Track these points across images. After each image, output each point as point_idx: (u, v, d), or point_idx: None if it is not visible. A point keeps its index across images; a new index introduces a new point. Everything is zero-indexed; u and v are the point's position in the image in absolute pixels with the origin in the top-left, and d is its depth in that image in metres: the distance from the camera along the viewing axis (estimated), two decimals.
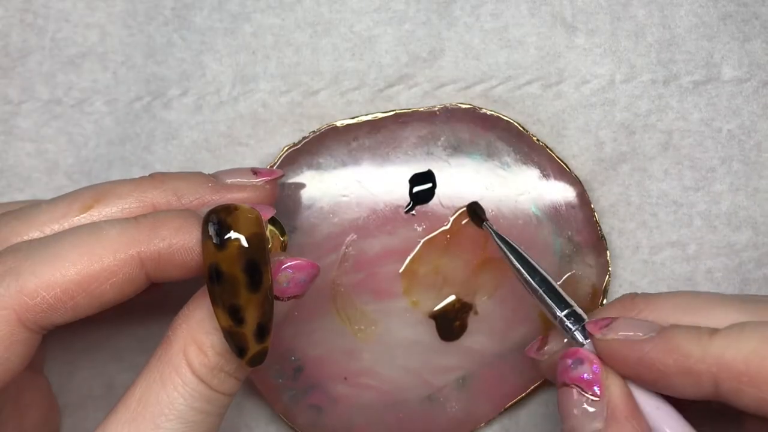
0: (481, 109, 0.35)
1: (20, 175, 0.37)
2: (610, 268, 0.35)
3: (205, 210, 0.27)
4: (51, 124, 0.37)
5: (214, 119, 0.37)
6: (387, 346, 0.35)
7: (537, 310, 0.35)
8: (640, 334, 0.28)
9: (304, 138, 0.35)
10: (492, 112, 0.35)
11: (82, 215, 0.28)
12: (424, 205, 0.35)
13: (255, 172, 0.31)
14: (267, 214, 0.29)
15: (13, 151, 0.37)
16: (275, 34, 0.37)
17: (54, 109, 0.37)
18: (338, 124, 0.35)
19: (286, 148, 0.35)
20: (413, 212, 0.35)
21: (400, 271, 0.35)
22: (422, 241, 0.35)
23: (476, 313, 0.35)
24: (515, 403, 0.35)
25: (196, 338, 0.27)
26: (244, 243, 0.25)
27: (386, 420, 0.35)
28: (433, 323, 0.35)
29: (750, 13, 0.36)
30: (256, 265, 0.26)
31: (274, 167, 0.35)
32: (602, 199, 0.36)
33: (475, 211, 0.35)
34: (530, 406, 0.35)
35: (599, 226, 0.35)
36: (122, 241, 0.27)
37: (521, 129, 0.35)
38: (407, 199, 0.35)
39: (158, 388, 0.27)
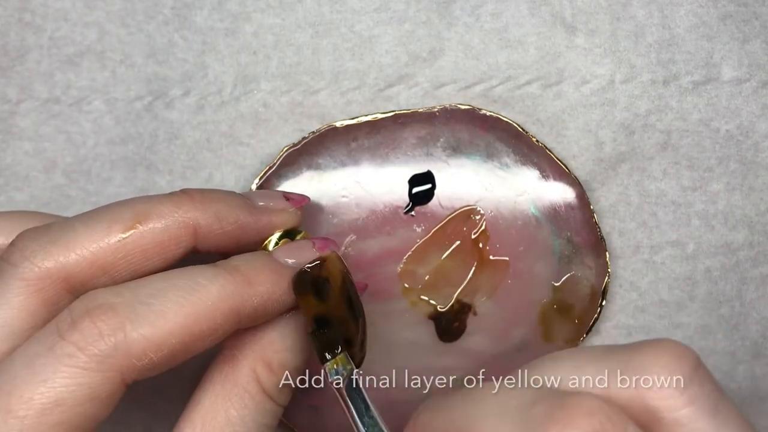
0: (480, 110, 0.35)
1: (18, 174, 0.37)
2: (609, 270, 0.35)
3: (283, 257, 0.29)
4: (49, 123, 0.37)
5: (216, 119, 0.36)
6: (386, 346, 0.35)
7: (536, 310, 0.35)
8: None
9: (303, 138, 0.35)
10: (491, 113, 0.35)
11: (123, 236, 0.28)
12: (424, 206, 0.35)
13: (287, 197, 0.32)
14: (335, 247, 0.31)
15: (12, 150, 0.37)
16: (276, 34, 0.36)
17: (52, 108, 0.37)
18: (338, 124, 0.35)
19: (285, 149, 0.35)
20: (412, 213, 0.35)
21: (398, 271, 0.35)
22: (420, 241, 0.35)
23: (475, 313, 0.35)
24: None
25: (266, 358, 0.28)
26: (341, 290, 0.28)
27: (385, 420, 0.35)
28: (432, 324, 0.35)
29: (750, 13, 0.36)
30: (352, 298, 0.28)
31: (274, 167, 0.35)
32: (602, 199, 0.36)
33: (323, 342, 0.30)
34: None
35: (598, 227, 0.35)
36: (223, 299, 0.27)
37: (521, 130, 0.35)
38: (406, 199, 0.35)
39: (228, 406, 0.27)
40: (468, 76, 0.36)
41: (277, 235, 0.31)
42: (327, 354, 0.28)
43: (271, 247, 0.31)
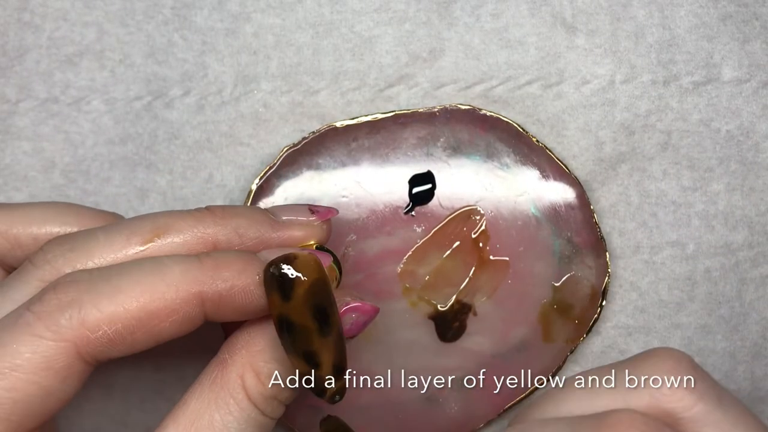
0: (480, 110, 0.35)
1: (17, 174, 0.37)
2: (609, 270, 0.35)
3: (266, 255, 0.28)
4: (48, 123, 0.37)
5: (216, 119, 0.36)
6: (386, 346, 0.35)
7: (536, 310, 0.35)
8: None
9: (303, 138, 0.35)
10: (491, 113, 0.35)
11: (141, 248, 0.28)
12: (424, 206, 0.35)
13: (312, 210, 0.31)
14: (326, 261, 0.29)
15: (10, 150, 0.37)
16: (276, 34, 0.36)
17: (51, 107, 0.37)
18: (338, 124, 0.35)
19: (285, 149, 0.35)
20: (413, 213, 0.35)
21: (398, 271, 0.35)
22: (420, 241, 0.35)
23: (475, 314, 0.35)
24: (515, 404, 0.35)
25: (254, 366, 0.28)
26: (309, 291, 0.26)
27: (385, 421, 0.35)
28: (432, 324, 0.35)
29: (750, 14, 0.36)
30: (324, 309, 0.26)
31: (274, 167, 0.35)
32: (602, 199, 0.36)
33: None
34: None
35: (598, 227, 0.35)
36: (185, 280, 0.27)
37: (521, 130, 0.35)
38: (407, 199, 0.35)
39: (212, 410, 0.27)
40: (468, 76, 0.36)
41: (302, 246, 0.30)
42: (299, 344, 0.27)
43: None
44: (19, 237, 0.30)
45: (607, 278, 0.35)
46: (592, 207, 0.35)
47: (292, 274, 0.26)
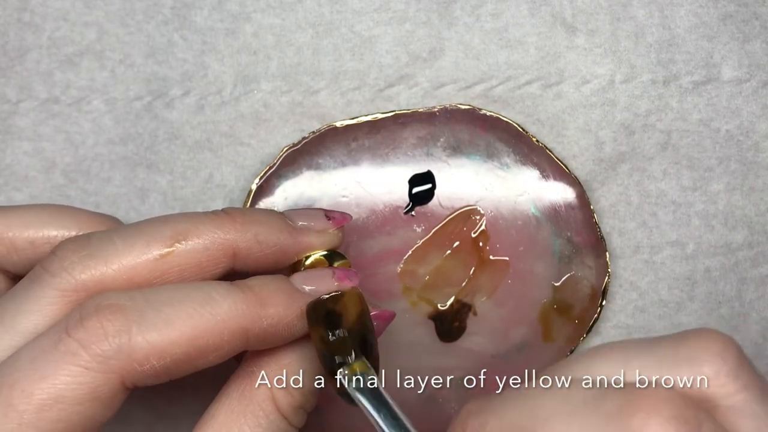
0: (480, 109, 0.35)
1: (18, 174, 0.37)
2: (609, 270, 0.35)
3: (300, 282, 0.28)
4: (48, 123, 0.37)
5: (216, 119, 0.36)
6: (386, 346, 0.35)
7: (536, 310, 0.35)
8: None
9: (303, 138, 0.35)
10: (491, 113, 0.35)
11: (161, 254, 0.27)
12: (424, 206, 0.35)
13: (328, 216, 0.31)
14: (356, 282, 0.29)
15: (11, 150, 0.37)
16: (276, 34, 0.36)
17: (52, 107, 0.37)
18: (338, 124, 0.35)
19: (285, 149, 0.35)
20: (413, 213, 0.35)
21: (398, 271, 0.35)
22: (420, 241, 0.35)
23: (475, 314, 0.35)
24: None
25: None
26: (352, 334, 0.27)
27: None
28: (432, 324, 0.35)
29: (750, 13, 0.36)
30: (366, 339, 0.28)
31: (274, 167, 0.35)
32: (602, 199, 0.36)
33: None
34: None
35: (598, 227, 0.35)
36: (233, 316, 0.26)
37: (521, 130, 0.35)
38: (407, 199, 0.35)
39: (242, 422, 0.27)
40: (468, 76, 0.36)
41: (315, 255, 0.30)
42: (337, 359, 0.27)
43: (306, 263, 0.30)
44: (15, 241, 0.30)
45: (607, 278, 0.35)
46: (592, 207, 0.35)
47: (339, 311, 0.27)
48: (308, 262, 0.30)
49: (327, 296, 0.27)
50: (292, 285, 0.28)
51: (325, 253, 0.30)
